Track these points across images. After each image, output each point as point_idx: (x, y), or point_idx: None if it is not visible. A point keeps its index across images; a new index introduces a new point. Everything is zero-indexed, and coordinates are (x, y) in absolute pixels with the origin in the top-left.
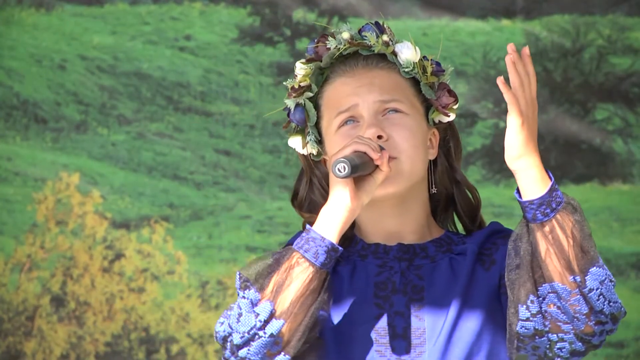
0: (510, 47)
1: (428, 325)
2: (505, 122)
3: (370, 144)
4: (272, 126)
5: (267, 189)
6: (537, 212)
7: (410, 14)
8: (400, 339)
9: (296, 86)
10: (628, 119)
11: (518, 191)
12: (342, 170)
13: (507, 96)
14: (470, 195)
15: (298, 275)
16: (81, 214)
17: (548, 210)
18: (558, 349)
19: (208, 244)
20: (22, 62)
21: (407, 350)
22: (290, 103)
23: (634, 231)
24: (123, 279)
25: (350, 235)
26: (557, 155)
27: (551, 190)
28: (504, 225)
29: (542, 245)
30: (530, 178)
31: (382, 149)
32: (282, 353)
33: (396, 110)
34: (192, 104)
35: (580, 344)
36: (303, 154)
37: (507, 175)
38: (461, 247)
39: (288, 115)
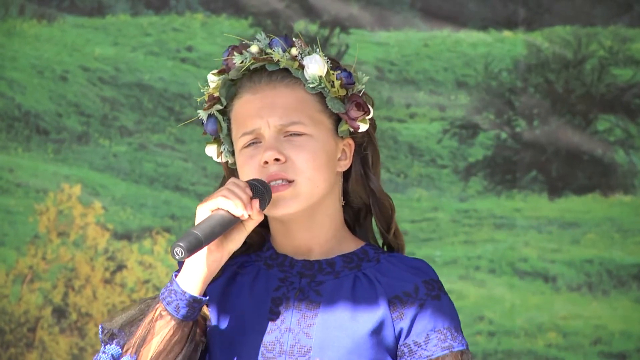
0: None
1: (315, 344)
2: (506, 133)
3: (236, 201)
4: None
5: None
6: None
7: (411, 25)
8: (287, 356)
9: (206, 98)
10: (630, 130)
11: None
12: (179, 254)
13: None
14: (385, 204)
15: (161, 329)
16: (83, 225)
17: None
18: None
19: None
20: (23, 73)
21: None
22: (202, 114)
23: (636, 242)
24: (125, 290)
25: (258, 241)
26: (559, 166)
27: None
28: (504, 237)
29: None
30: None
31: (255, 192)
32: None
33: (298, 134)
34: (194, 115)
35: None
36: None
37: (508, 186)
38: (372, 269)
39: (202, 125)
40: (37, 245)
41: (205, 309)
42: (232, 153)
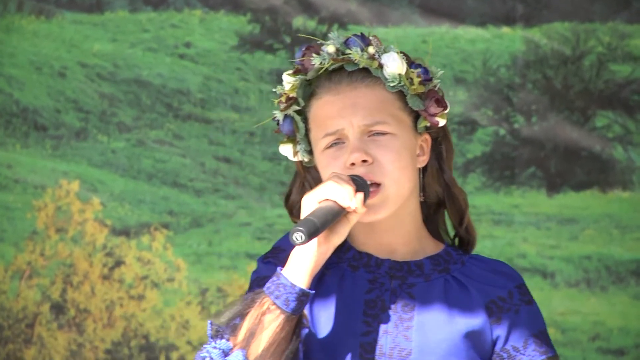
0: None
1: (415, 346)
2: (505, 129)
3: (343, 192)
4: (272, 133)
5: (267, 196)
6: None
7: (410, 21)
8: (386, 358)
9: (283, 99)
10: (628, 126)
11: None
12: (299, 239)
13: None
14: (459, 198)
15: (270, 323)
16: (81, 221)
17: None
18: None
19: (208, 251)
20: (22, 69)
21: None
22: (279, 114)
23: (634, 238)
24: (123, 286)
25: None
26: (557, 162)
27: None
28: (503, 233)
29: None
30: None
31: (357, 186)
32: None
33: (382, 133)
34: (192, 111)
35: None
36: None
37: (506, 182)
38: (459, 272)
39: (278, 124)
40: (35, 241)
41: (304, 313)
42: (309, 152)
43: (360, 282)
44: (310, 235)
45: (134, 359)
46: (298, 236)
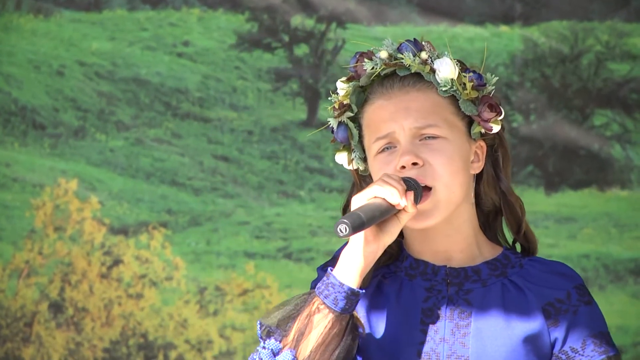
0: None
1: (472, 353)
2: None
3: (392, 189)
4: (270, 132)
5: (265, 195)
6: None
7: (408, 20)
8: None
9: (337, 106)
10: (626, 124)
11: None
12: (343, 231)
13: None
14: (515, 206)
15: (319, 322)
16: (79, 220)
17: None
18: None
19: (206, 249)
20: (20, 68)
21: None
22: (333, 122)
23: (633, 237)
24: (121, 285)
25: (397, 250)
26: (556, 161)
27: None
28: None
29: None
30: None
31: (409, 186)
32: None
33: (434, 137)
34: (191, 109)
35: None
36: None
37: None
38: (517, 276)
39: (332, 132)
40: (33, 239)
41: (358, 317)
42: (363, 160)
43: (418, 291)
44: (355, 229)
45: (132, 357)
46: (342, 228)
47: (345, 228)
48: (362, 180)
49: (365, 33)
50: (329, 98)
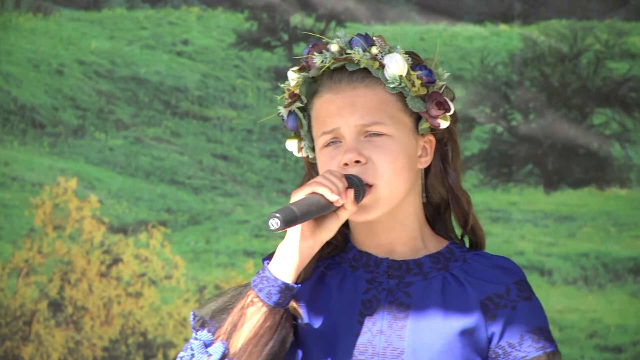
0: None
1: (408, 346)
2: (502, 126)
3: (331, 185)
4: (269, 131)
5: (264, 194)
6: None
7: (407, 19)
8: (379, 358)
9: (287, 95)
10: (625, 123)
11: None
12: (275, 225)
13: None
14: (462, 199)
15: (252, 315)
16: (79, 218)
17: None
18: None
19: (205, 248)
20: (19, 66)
21: None
22: (283, 111)
23: (632, 236)
24: (120, 283)
25: (342, 242)
26: (555, 159)
27: None
28: (500, 231)
29: None
30: None
31: (351, 184)
32: None
33: (378, 134)
34: (190, 108)
35: None
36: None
37: (504, 180)
38: (459, 270)
39: (282, 120)
40: (32, 238)
41: (296, 308)
42: (313, 149)
43: (359, 282)
44: (287, 223)
45: (131, 356)
46: (274, 222)
47: (277, 222)
48: (312, 168)
49: (364, 32)
50: (282, 85)
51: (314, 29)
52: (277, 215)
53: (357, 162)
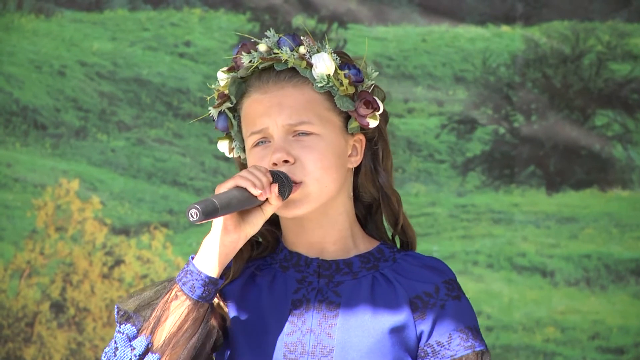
0: None
1: (337, 344)
2: (504, 128)
3: (254, 179)
4: None
5: None
6: None
7: (409, 20)
8: (309, 356)
9: (216, 96)
10: (627, 125)
11: None
12: (194, 216)
13: None
14: (392, 199)
15: (175, 309)
16: (81, 220)
17: None
18: None
19: None
20: (21, 68)
21: None
22: (213, 111)
23: (634, 237)
24: (123, 285)
25: (274, 242)
26: (557, 161)
27: None
28: (502, 232)
29: None
30: None
31: (276, 179)
32: None
33: (306, 133)
34: (192, 110)
35: None
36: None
37: (506, 181)
38: (389, 269)
39: (213, 121)
40: (35, 240)
41: (224, 308)
42: (244, 149)
43: (289, 282)
44: (207, 215)
45: None
46: (193, 213)
47: (196, 213)
48: (244, 168)
49: (366, 33)
50: (212, 86)
51: (316, 30)
52: (197, 206)
53: (286, 161)
